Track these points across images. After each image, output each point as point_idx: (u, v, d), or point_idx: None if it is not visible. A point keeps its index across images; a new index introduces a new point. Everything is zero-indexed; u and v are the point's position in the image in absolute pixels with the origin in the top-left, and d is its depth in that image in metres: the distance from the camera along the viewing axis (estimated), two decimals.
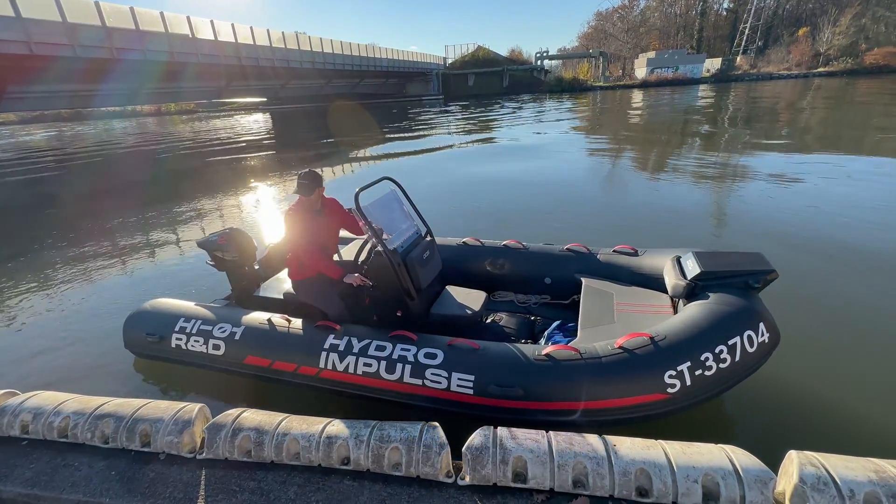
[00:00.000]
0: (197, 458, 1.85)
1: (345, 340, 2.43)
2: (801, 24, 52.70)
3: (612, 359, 2.05)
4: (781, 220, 5.63)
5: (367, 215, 2.63)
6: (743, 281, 2.37)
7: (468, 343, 2.30)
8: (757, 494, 1.42)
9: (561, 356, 2.10)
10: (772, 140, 11.75)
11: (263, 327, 2.65)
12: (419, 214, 3.16)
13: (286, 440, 1.78)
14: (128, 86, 19.36)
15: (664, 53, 51.45)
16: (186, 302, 3.03)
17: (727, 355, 2.06)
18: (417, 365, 2.25)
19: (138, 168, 14.23)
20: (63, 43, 14.68)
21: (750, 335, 2.13)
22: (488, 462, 1.61)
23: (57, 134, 34.22)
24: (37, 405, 2.10)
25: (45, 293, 4.76)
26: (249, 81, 27.26)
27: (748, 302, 2.27)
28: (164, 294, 3.29)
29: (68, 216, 8.27)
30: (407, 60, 46.08)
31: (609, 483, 1.52)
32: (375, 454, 1.70)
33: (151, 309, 3.00)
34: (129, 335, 2.98)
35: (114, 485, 1.75)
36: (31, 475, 1.84)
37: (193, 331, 2.73)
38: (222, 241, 3.20)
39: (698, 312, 2.22)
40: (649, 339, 2.09)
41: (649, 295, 2.86)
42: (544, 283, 3.38)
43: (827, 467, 1.43)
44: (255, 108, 54.70)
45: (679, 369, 2.00)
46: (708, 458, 1.53)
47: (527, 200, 7.15)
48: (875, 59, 41.25)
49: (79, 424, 1.98)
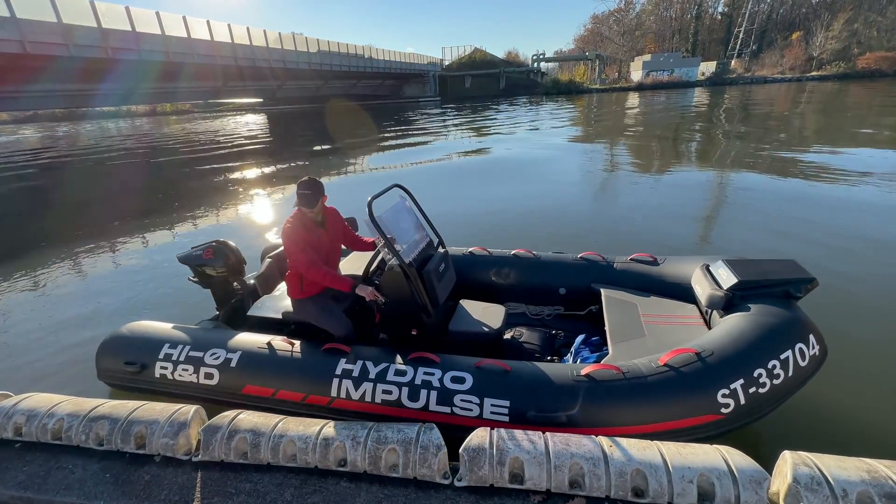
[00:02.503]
0: (193, 460, 1.84)
1: (359, 365, 2.21)
2: (795, 28, 53.26)
3: (658, 378, 1.90)
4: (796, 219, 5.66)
5: (382, 226, 2.39)
6: (783, 290, 2.26)
7: (498, 364, 2.11)
8: (752, 494, 1.43)
9: (602, 376, 1.94)
10: (771, 142, 11.85)
11: (263, 352, 2.38)
12: (430, 224, 2.95)
13: (283, 442, 1.78)
14: (123, 86, 19.26)
15: (660, 56, 51.82)
16: (170, 324, 2.72)
17: (780, 370, 1.94)
18: (444, 391, 2.04)
19: (121, 175, 13.63)
20: (58, 43, 14.62)
21: (801, 348, 2.02)
22: (485, 463, 1.61)
23: (48, 134, 33.88)
24: (30, 407, 2.08)
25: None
26: (246, 82, 27.20)
27: (795, 313, 2.16)
28: (144, 315, 2.98)
29: (38, 227, 7.69)
30: (404, 62, 46.18)
31: (605, 484, 1.53)
32: (372, 456, 1.70)
33: (130, 333, 2.66)
34: (103, 364, 2.63)
35: (108, 487, 1.74)
36: (24, 478, 1.82)
37: (181, 358, 2.43)
38: (207, 255, 2.91)
39: (743, 325, 2.08)
40: (695, 355, 1.94)
41: (674, 305, 2.71)
42: (558, 293, 3.20)
43: (820, 467, 1.45)
44: (252, 109, 54.55)
45: (732, 387, 1.87)
46: (703, 459, 1.54)
47: (525, 209, 6.98)
48: (867, 64, 41.73)
49: (73, 426, 1.96)
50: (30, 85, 16.30)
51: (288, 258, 2.52)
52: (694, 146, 12.85)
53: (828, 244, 4.82)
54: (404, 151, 14.57)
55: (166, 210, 8.31)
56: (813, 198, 6.65)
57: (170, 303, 4.31)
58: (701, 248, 5.24)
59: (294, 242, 2.39)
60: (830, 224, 5.44)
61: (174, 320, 2.82)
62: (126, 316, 3.48)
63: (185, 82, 22.41)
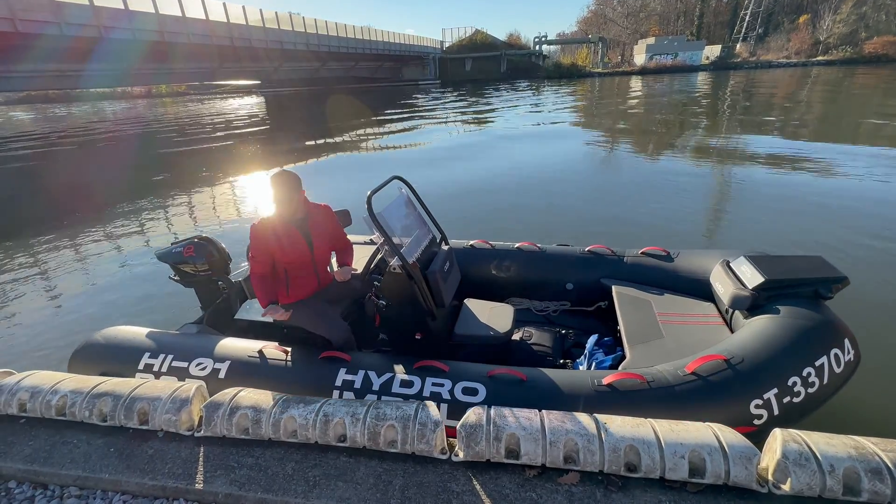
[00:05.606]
0: (195, 435, 1.88)
1: (361, 375, 2.05)
2: (803, 11, 52.22)
3: (686, 387, 1.78)
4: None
5: (382, 223, 2.21)
6: (812, 290, 2.12)
7: (512, 373, 1.96)
8: (741, 469, 1.47)
9: (626, 386, 1.81)
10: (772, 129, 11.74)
11: (254, 361, 2.19)
12: (433, 219, 2.76)
13: (283, 418, 1.81)
14: (116, 66, 18.91)
15: (664, 40, 50.97)
16: (150, 329, 2.50)
17: (815, 378, 1.82)
18: (456, 403, 1.89)
19: (105, 160, 13.08)
20: (49, 20, 14.28)
21: (837, 353, 1.90)
22: (482, 439, 1.64)
23: (35, 117, 33.20)
24: (34, 384, 2.11)
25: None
26: (242, 63, 26.69)
27: (827, 315, 2.02)
28: (120, 320, 2.74)
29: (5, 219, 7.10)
30: (403, 44, 45.26)
31: (599, 459, 1.56)
32: (371, 432, 1.73)
33: (105, 341, 2.43)
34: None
35: (113, 461, 1.78)
36: (29, 452, 1.86)
37: (163, 368, 2.23)
38: (188, 252, 2.70)
39: (774, 329, 1.95)
40: (724, 361, 1.83)
41: (690, 304, 2.57)
42: (565, 288, 3.05)
43: (809, 444, 1.48)
44: (249, 91, 53.70)
45: (766, 397, 1.76)
46: (695, 436, 1.57)
47: (525, 199, 6.87)
48: (874, 48, 41.12)
49: (76, 403, 1.99)
50: (21, 64, 15.98)
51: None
52: (701, 133, 12.73)
53: (845, 237, 4.71)
54: (400, 137, 14.39)
55: (145, 202, 7.80)
56: (827, 189, 6.57)
57: (149, 305, 3.98)
58: (716, 240, 5.08)
59: (251, 247, 2.21)
60: (846, 215, 5.34)
61: (154, 324, 2.60)
62: (100, 321, 3.06)
63: (180, 63, 21.99)
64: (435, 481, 1.60)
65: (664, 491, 1.50)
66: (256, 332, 2.55)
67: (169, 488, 1.67)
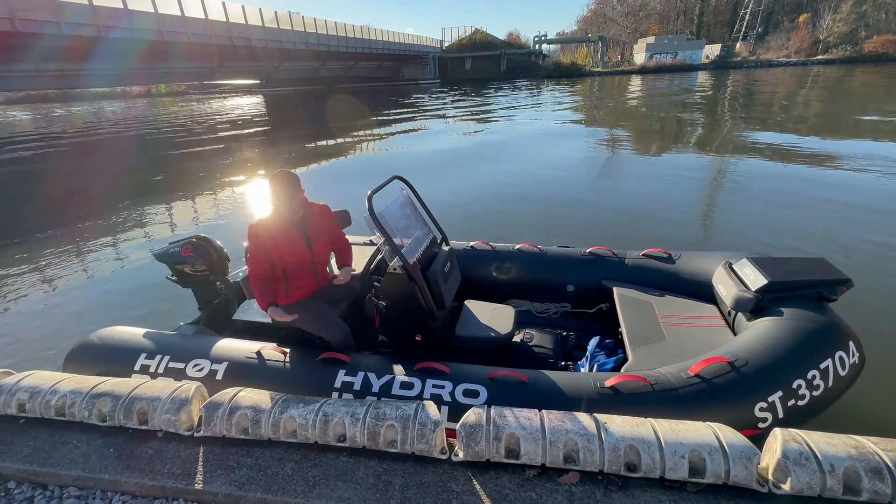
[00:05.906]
0: (195, 435, 1.87)
1: (360, 377, 2.04)
2: (803, 10, 52.20)
3: (689, 390, 1.78)
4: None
5: (383, 223, 2.19)
6: (816, 292, 2.12)
7: (514, 375, 1.95)
8: (741, 469, 1.47)
9: (629, 389, 1.82)
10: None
11: (252, 362, 2.18)
12: (433, 219, 2.74)
13: (283, 418, 1.81)
14: (115, 65, 18.89)
15: (664, 39, 50.94)
16: (146, 330, 2.48)
17: (820, 381, 1.82)
18: (456, 405, 1.89)
19: (104, 160, 12.97)
20: (48, 20, 14.26)
21: (841, 356, 1.90)
22: (482, 439, 1.64)
23: (33, 118, 33.24)
24: (33, 384, 2.10)
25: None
26: (242, 62, 26.68)
27: (832, 318, 2.03)
28: (116, 320, 2.71)
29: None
30: (403, 43, 45.25)
31: (599, 459, 1.56)
32: (371, 432, 1.73)
33: (101, 341, 2.40)
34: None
35: (112, 461, 1.78)
36: (29, 452, 1.86)
37: (160, 370, 2.21)
38: (186, 252, 2.68)
39: (777, 331, 1.95)
40: (728, 364, 1.83)
41: (691, 306, 2.57)
42: (566, 290, 3.05)
43: (809, 443, 1.48)
44: (248, 91, 53.66)
45: (770, 400, 1.75)
46: (695, 435, 1.57)
47: (525, 200, 6.82)
48: (874, 47, 41.11)
49: (76, 403, 1.99)
50: (20, 64, 15.96)
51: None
52: (701, 132, 12.72)
53: (846, 234, 4.72)
54: (401, 137, 14.36)
55: (143, 202, 7.76)
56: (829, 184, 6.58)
57: (147, 305, 3.95)
58: (718, 240, 5.07)
59: (250, 248, 2.20)
60: (846, 212, 5.35)
61: (151, 325, 2.57)
62: (96, 321, 2.96)
63: (179, 62, 21.99)
64: (435, 481, 1.60)
65: (664, 491, 1.50)
66: (254, 332, 2.53)
67: (168, 488, 1.66)
